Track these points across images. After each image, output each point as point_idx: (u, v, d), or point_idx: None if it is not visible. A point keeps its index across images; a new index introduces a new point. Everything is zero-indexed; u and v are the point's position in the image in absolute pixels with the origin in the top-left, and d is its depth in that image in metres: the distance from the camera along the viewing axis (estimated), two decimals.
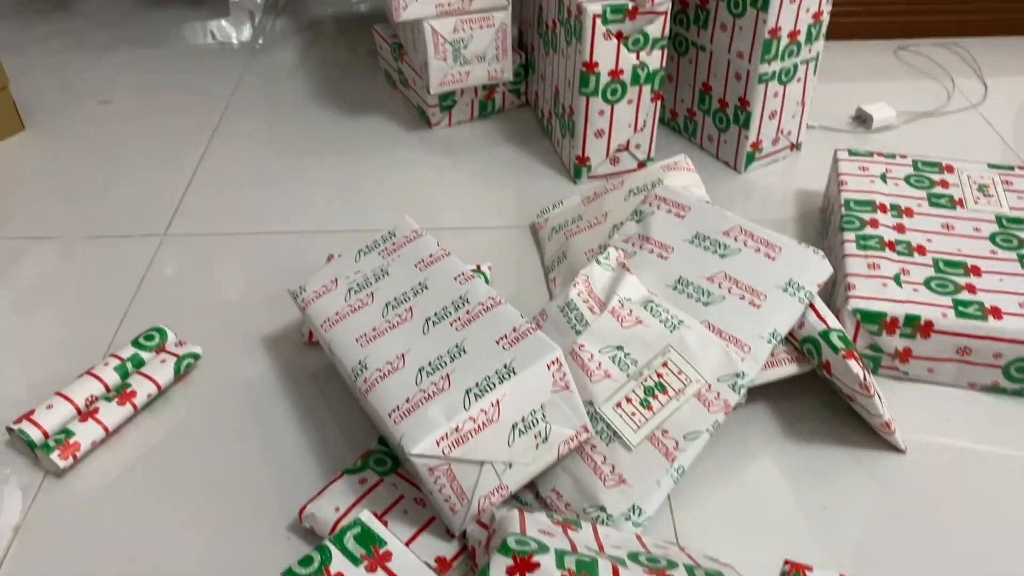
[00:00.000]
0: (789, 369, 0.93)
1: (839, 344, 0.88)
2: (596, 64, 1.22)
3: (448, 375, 0.79)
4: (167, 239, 1.24)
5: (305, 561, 0.71)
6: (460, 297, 0.87)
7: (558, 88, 1.35)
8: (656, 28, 1.21)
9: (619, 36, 1.20)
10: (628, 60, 1.22)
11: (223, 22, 1.85)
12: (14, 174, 1.39)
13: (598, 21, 1.18)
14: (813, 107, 1.53)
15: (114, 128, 1.50)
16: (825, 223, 1.23)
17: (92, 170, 1.39)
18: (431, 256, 0.95)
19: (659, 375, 0.86)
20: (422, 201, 1.31)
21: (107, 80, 1.64)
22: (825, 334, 0.90)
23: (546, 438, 0.79)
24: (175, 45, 1.76)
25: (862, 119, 1.48)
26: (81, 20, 1.86)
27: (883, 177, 1.16)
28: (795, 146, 1.40)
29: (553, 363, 0.77)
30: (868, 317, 0.96)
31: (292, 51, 1.74)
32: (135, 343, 1.00)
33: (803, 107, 1.36)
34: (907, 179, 1.16)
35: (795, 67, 1.29)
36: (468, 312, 0.85)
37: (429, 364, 0.81)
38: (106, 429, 0.91)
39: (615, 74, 1.23)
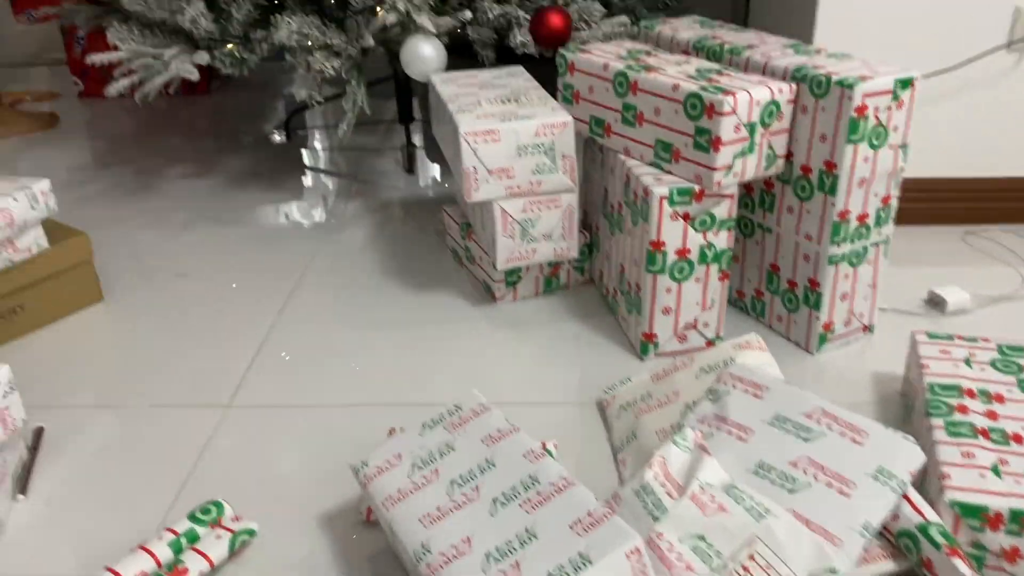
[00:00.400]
0: (885, 566, 0.85)
1: (941, 540, 0.81)
2: (663, 243, 1.22)
3: (518, 563, 0.74)
4: (230, 410, 1.23)
5: None
6: (530, 476, 0.83)
7: (624, 266, 1.35)
8: (723, 210, 1.22)
9: (686, 217, 1.22)
10: (695, 240, 1.23)
11: (297, 204, 1.94)
12: (87, 343, 1.42)
13: (665, 203, 1.20)
14: (883, 290, 1.50)
15: (188, 301, 1.54)
16: (907, 408, 1.17)
17: (163, 340, 1.42)
18: (499, 432, 0.92)
19: (745, 569, 0.79)
20: (486, 375, 1.30)
21: (184, 255, 1.71)
22: (924, 528, 0.83)
23: None
24: (251, 224, 1.84)
25: (935, 302, 1.45)
26: (164, 200, 1.96)
27: (967, 362, 1.12)
28: (868, 328, 1.37)
29: (632, 553, 0.72)
30: (968, 511, 0.88)
31: (363, 231, 1.80)
32: (191, 517, 0.97)
33: (874, 289, 1.34)
34: (993, 364, 1.11)
35: (865, 249, 1.28)
36: (539, 493, 0.81)
37: (497, 549, 0.76)
38: None
39: (682, 253, 1.24)
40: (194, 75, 1.67)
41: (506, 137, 1.30)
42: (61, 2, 2.09)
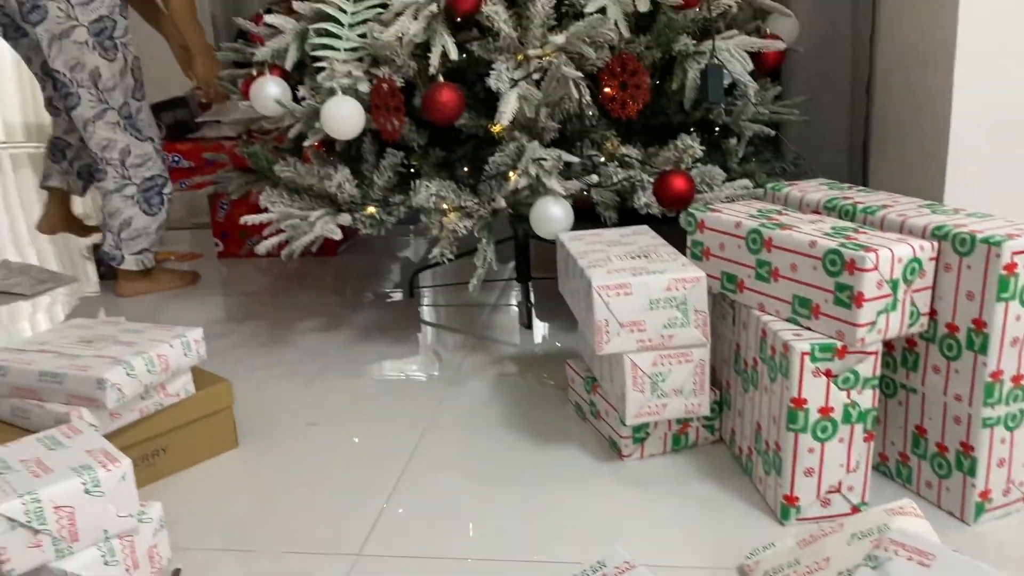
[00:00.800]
0: None
1: None
2: (805, 401, 1.19)
3: None
4: (360, 560, 1.23)
5: None
6: None
7: (760, 424, 1.32)
8: (867, 367, 1.19)
9: (828, 374, 1.19)
10: (838, 398, 1.20)
11: (419, 358, 1.99)
12: (220, 488, 1.45)
13: (807, 359, 1.18)
14: None
15: (318, 449, 1.57)
16: None
17: (294, 487, 1.44)
18: None
19: None
20: (614, 535, 1.26)
21: (315, 405, 1.76)
22: None
23: None
24: (377, 376, 1.89)
25: None
26: (296, 352, 2.05)
27: None
28: None
29: None
30: None
31: (483, 384, 1.82)
32: None
33: None
34: None
35: (1022, 412, 1.21)
36: None
37: None
38: None
39: (825, 411, 1.20)
40: (337, 235, 1.78)
41: (638, 291, 1.32)
42: (216, 171, 2.30)
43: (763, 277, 1.30)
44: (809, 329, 1.23)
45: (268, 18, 1.85)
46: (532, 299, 2.23)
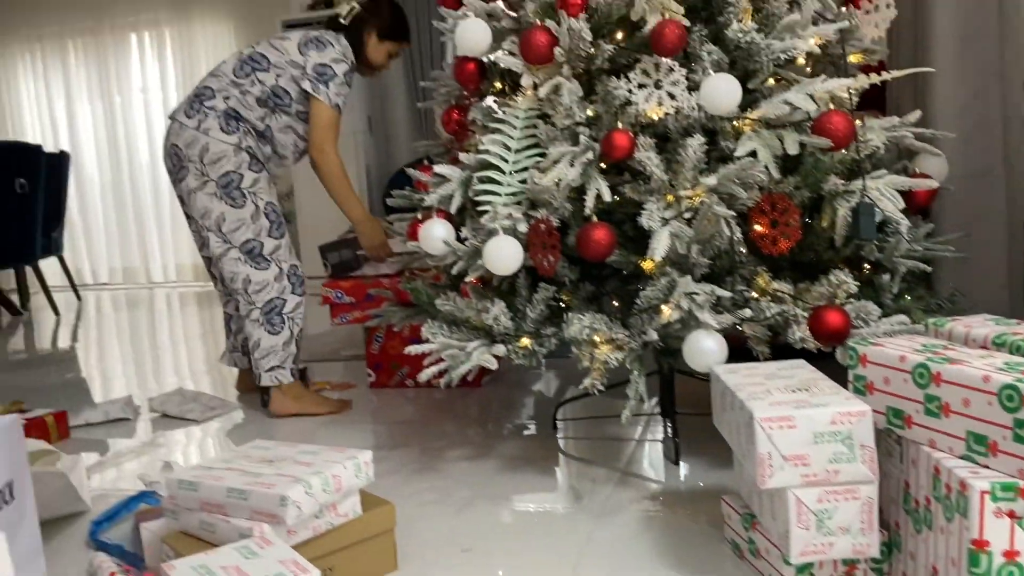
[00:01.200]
0: None
1: None
2: (987, 543, 1.14)
3: None
4: None
5: None
6: None
7: (936, 568, 1.26)
8: None
9: (1012, 515, 1.14)
10: None
11: (565, 490, 2.01)
12: None
13: (987, 498, 1.14)
14: None
15: (473, 574, 1.59)
16: None
17: None
18: None
19: None
20: None
21: (467, 531, 1.79)
22: None
23: None
24: (525, 506, 1.92)
25: None
26: (446, 480, 2.11)
27: None
28: None
29: None
30: None
31: (632, 518, 1.81)
32: None
33: None
34: None
35: None
36: None
37: None
38: None
39: (1010, 555, 1.14)
40: (493, 364, 1.87)
41: (802, 424, 1.32)
42: (375, 305, 2.46)
43: (933, 412, 1.28)
44: (987, 467, 1.19)
45: (438, 168, 2.03)
46: (678, 434, 2.22)
